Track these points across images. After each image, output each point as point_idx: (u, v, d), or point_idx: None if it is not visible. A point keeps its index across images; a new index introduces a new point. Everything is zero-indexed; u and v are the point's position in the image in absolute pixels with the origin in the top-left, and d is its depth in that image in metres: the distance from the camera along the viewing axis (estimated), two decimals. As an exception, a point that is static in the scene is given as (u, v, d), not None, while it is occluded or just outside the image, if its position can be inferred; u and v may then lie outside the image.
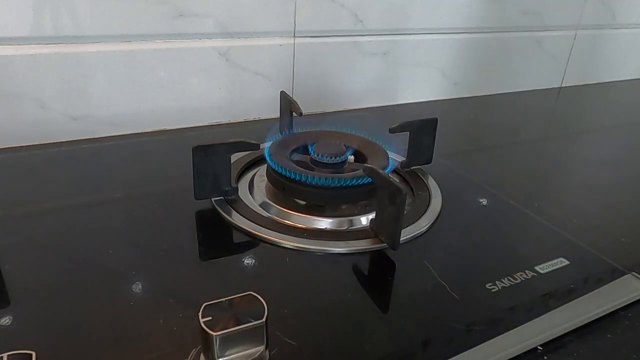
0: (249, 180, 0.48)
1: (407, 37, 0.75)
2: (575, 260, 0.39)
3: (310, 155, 0.47)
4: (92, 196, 0.45)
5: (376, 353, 0.30)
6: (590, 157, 0.65)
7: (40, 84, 0.53)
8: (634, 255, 0.41)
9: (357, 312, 0.33)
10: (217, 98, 0.64)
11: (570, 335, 0.32)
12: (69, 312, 0.31)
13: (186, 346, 0.29)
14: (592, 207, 0.50)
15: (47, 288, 0.33)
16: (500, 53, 0.85)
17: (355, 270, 0.37)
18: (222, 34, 0.61)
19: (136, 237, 0.40)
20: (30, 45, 0.52)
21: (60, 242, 0.38)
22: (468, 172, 0.55)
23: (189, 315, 0.31)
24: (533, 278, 0.37)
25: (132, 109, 0.59)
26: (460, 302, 0.34)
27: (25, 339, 0.29)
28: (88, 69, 0.55)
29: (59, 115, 0.56)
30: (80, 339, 0.29)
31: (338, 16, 0.67)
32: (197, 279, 0.36)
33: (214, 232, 0.41)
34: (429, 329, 0.32)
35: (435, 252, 0.40)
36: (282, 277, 0.37)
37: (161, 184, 0.48)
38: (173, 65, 0.60)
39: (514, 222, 0.46)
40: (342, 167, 0.46)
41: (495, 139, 0.68)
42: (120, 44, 0.56)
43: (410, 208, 0.45)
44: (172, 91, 0.61)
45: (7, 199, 0.44)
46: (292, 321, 0.32)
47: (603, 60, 1.00)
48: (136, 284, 0.34)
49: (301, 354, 0.29)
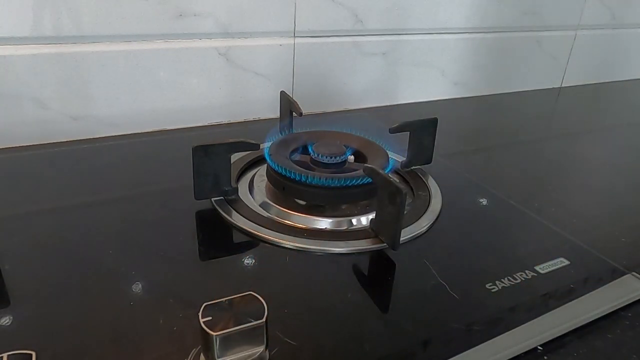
0: (249, 180, 0.48)
1: (407, 37, 0.75)
2: (575, 260, 0.39)
3: (310, 155, 0.47)
4: (92, 196, 0.45)
5: (376, 353, 0.30)
6: (590, 157, 0.65)
7: (40, 84, 0.53)
8: (634, 255, 0.41)
9: (357, 312, 0.33)
10: (217, 98, 0.64)
11: (570, 335, 0.32)
12: (69, 312, 0.31)
13: (186, 346, 0.29)
14: (592, 207, 0.50)
15: (47, 288, 0.33)
16: (500, 53, 0.85)
17: (355, 270, 0.37)
18: (222, 34, 0.61)
19: (136, 237, 0.40)
20: (30, 45, 0.52)
21: (60, 242, 0.38)
22: (468, 172, 0.55)
23: (189, 315, 0.31)
24: (533, 278, 0.37)
25: (132, 109, 0.59)
26: (460, 302, 0.34)
27: (25, 339, 0.29)
28: (88, 69, 0.55)
29: (58, 115, 0.55)
30: (80, 339, 0.29)
31: (338, 16, 0.67)
32: (197, 279, 0.36)
33: (214, 232, 0.41)
34: (429, 329, 0.32)
35: (435, 252, 0.40)
36: (282, 277, 0.37)
37: (161, 184, 0.48)
38: (173, 65, 0.60)
39: (514, 222, 0.46)
40: (342, 167, 0.46)
41: (495, 139, 0.68)
42: (120, 44, 0.56)
43: (410, 208, 0.45)
44: (172, 91, 0.61)
45: (7, 198, 0.44)
46: (292, 321, 0.32)
47: (603, 60, 1.00)
48: (136, 284, 0.34)
49: (301, 354, 0.29)
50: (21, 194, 0.45)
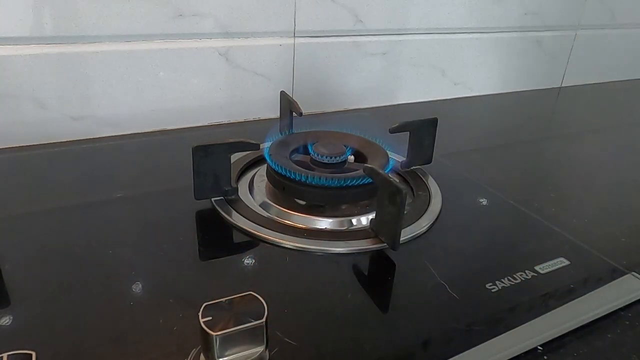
0: (248, 180, 0.48)
1: (407, 37, 0.75)
2: (575, 260, 0.39)
3: (310, 155, 0.47)
4: (92, 196, 0.45)
5: (376, 353, 0.30)
6: (590, 157, 0.65)
7: (40, 84, 0.53)
8: (634, 255, 0.41)
9: (357, 312, 0.33)
10: (217, 98, 0.64)
11: (570, 335, 0.32)
12: (69, 312, 0.31)
13: (186, 346, 0.29)
14: (592, 207, 0.50)
15: (47, 288, 0.33)
16: (501, 53, 0.85)
17: (355, 271, 0.37)
18: (222, 34, 0.61)
19: (136, 237, 0.40)
20: (30, 46, 0.52)
21: (60, 242, 0.38)
22: (468, 172, 0.55)
23: (189, 315, 0.31)
24: (533, 278, 0.37)
25: (132, 109, 0.59)
26: (460, 302, 0.34)
27: (25, 339, 0.29)
28: (88, 69, 0.55)
29: (59, 115, 0.56)
30: (80, 339, 0.29)
31: (338, 16, 0.67)
32: (197, 279, 0.36)
33: (214, 232, 0.41)
34: (429, 329, 0.32)
35: (435, 252, 0.40)
36: (282, 277, 0.37)
37: (161, 184, 0.48)
38: (173, 65, 0.60)
39: (514, 222, 0.46)
40: (342, 167, 0.46)
41: (495, 139, 0.68)
42: (120, 44, 0.56)
43: (410, 208, 0.45)
44: (172, 91, 0.61)
45: (7, 198, 0.44)
46: (292, 321, 0.32)
47: (603, 60, 1.00)
48: (136, 284, 0.34)
49: (301, 354, 0.29)
50: (21, 194, 0.45)
